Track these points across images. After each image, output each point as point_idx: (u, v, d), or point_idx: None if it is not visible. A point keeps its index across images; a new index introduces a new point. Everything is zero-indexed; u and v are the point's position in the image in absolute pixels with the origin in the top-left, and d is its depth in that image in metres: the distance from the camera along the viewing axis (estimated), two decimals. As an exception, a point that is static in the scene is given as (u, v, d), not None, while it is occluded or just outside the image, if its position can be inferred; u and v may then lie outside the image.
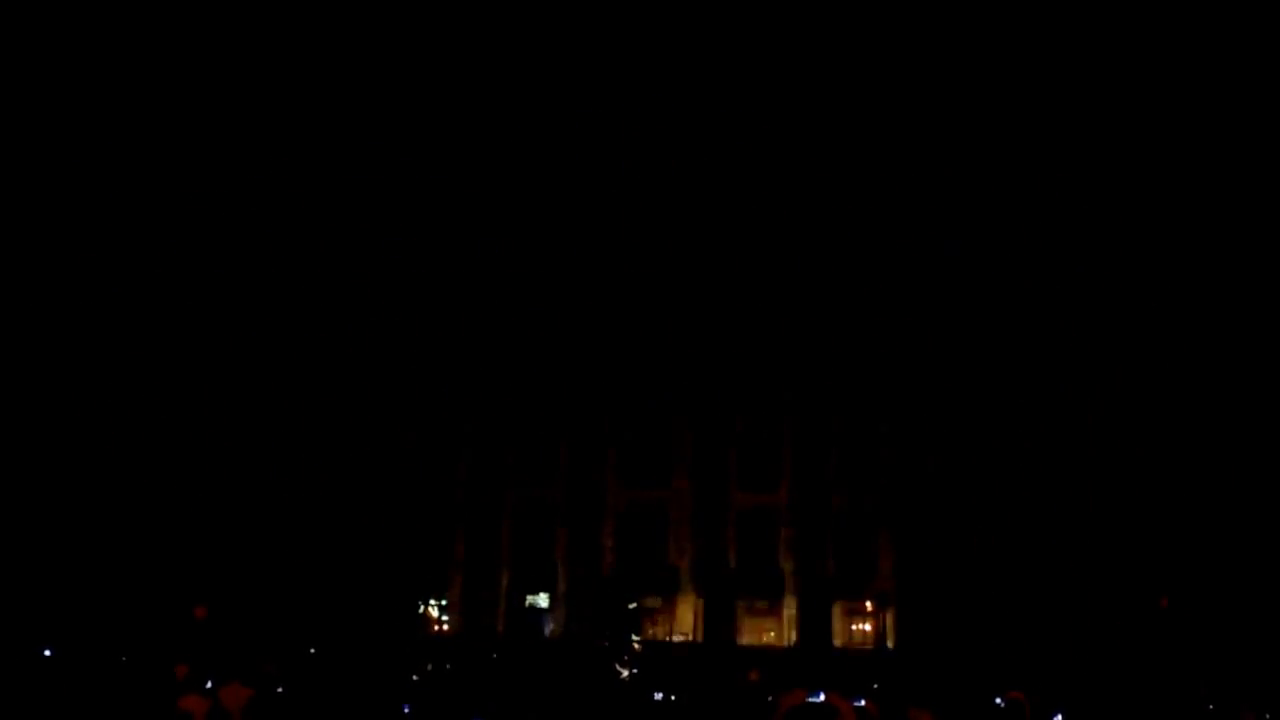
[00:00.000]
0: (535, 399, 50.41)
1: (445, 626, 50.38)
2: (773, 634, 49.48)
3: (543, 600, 50.28)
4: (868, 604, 49.63)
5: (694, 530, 50.18)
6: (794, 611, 49.37)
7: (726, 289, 49.97)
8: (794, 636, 49.01)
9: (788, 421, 50.35)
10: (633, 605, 50.01)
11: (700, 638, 48.66)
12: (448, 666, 33.50)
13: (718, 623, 49.18)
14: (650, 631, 49.31)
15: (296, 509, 46.24)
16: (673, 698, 25.00)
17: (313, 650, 35.62)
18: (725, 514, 50.27)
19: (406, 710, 19.61)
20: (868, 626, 49.67)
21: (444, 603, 50.50)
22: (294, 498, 46.28)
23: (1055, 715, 20.79)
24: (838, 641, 48.98)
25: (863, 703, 16.57)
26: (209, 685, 17.81)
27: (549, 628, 49.64)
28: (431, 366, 49.12)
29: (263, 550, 44.74)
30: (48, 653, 26.87)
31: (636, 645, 45.76)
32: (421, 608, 50.57)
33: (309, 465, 46.85)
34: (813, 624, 48.95)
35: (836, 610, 49.52)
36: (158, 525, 42.97)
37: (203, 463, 44.97)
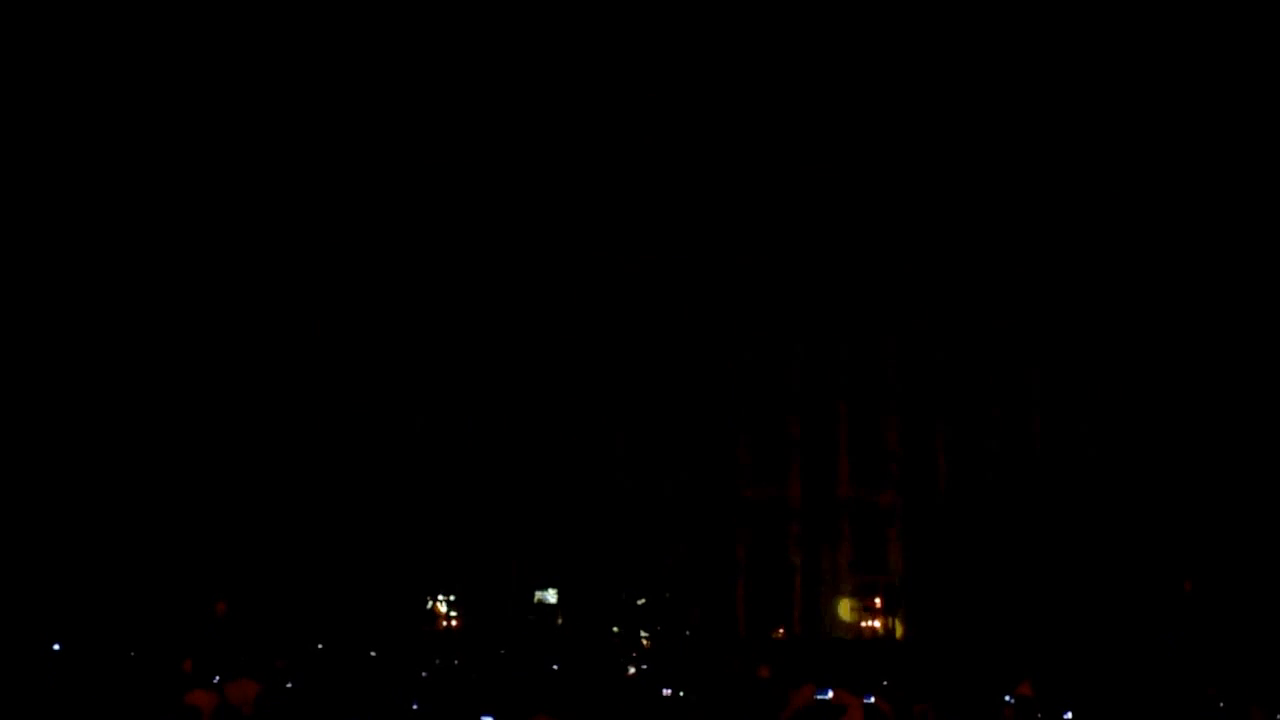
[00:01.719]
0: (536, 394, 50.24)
1: (454, 622, 50.31)
2: (781, 629, 49.36)
3: (551, 595, 50.20)
4: (877, 600, 49.47)
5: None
6: (802, 606, 49.22)
7: (740, 282, 49.63)
8: (801, 631, 48.88)
9: (794, 415, 50.11)
10: (641, 600, 49.91)
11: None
12: (456, 662, 33.51)
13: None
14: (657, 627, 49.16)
15: (304, 503, 46.21)
16: (681, 694, 24.92)
17: (321, 646, 35.64)
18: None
19: (415, 706, 19.59)
20: (877, 622, 49.53)
21: (452, 598, 50.42)
22: (301, 492, 46.24)
23: (1065, 713, 20.74)
24: (846, 636, 48.82)
25: (872, 700, 16.51)
26: (216, 680, 17.76)
27: (558, 622, 49.52)
28: (433, 366, 49.01)
29: (270, 545, 44.72)
30: (56, 647, 26.88)
31: (645, 640, 45.66)
32: (430, 603, 50.50)
33: (317, 459, 46.82)
34: (820, 618, 48.83)
35: (845, 605, 49.36)
36: (166, 520, 42.98)
37: (210, 456, 44.97)
